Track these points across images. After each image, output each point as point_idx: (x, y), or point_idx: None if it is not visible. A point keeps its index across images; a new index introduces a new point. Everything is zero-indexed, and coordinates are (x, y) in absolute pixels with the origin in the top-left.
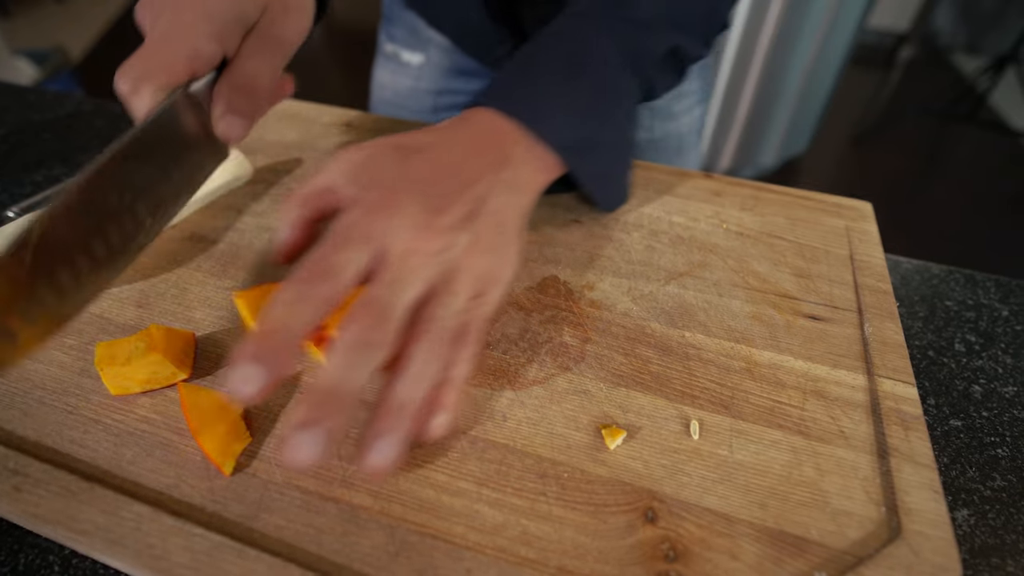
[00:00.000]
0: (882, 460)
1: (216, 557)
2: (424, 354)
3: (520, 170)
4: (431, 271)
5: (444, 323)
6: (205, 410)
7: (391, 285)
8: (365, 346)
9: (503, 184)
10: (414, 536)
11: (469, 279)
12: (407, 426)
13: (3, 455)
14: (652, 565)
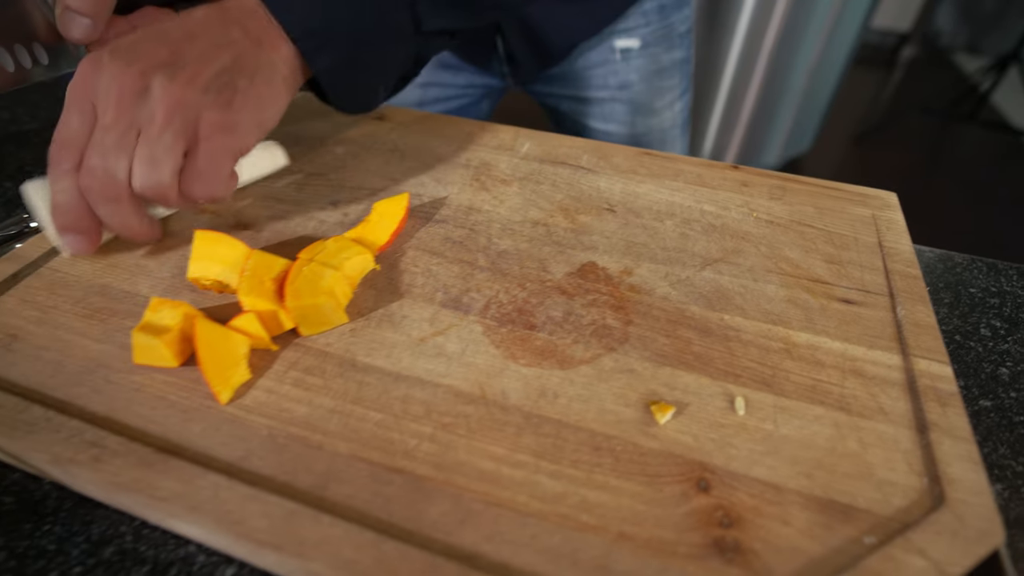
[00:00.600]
0: (922, 434)
1: (293, 523)
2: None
3: (264, 34)
4: (134, 117)
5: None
6: (213, 343)
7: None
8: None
9: (238, 35)
10: (479, 504)
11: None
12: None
13: (80, 428)
14: (708, 531)
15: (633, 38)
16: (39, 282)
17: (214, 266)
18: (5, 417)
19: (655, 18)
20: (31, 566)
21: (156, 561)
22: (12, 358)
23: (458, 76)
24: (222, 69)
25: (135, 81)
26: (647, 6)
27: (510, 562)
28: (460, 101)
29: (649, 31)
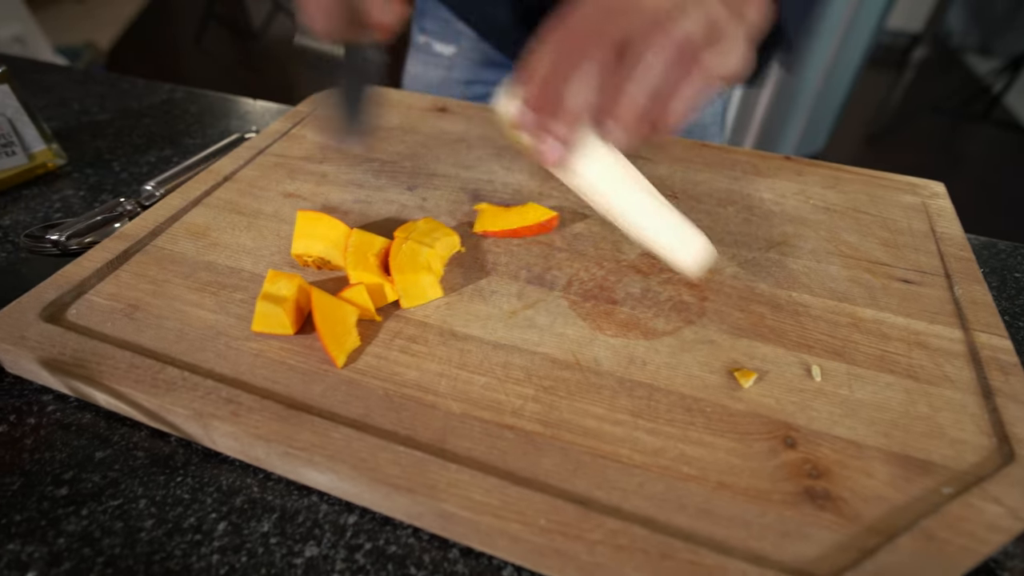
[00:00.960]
0: (987, 399)
1: (423, 469)
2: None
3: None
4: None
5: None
6: (328, 313)
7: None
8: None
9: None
10: (586, 457)
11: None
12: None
13: (214, 387)
14: (799, 481)
15: None
16: (148, 258)
17: (316, 243)
18: (144, 377)
19: None
20: (170, 512)
21: (284, 509)
22: (137, 326)
23: (502, 73)
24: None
25: None
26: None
27: (621, 506)
28: None
29: None
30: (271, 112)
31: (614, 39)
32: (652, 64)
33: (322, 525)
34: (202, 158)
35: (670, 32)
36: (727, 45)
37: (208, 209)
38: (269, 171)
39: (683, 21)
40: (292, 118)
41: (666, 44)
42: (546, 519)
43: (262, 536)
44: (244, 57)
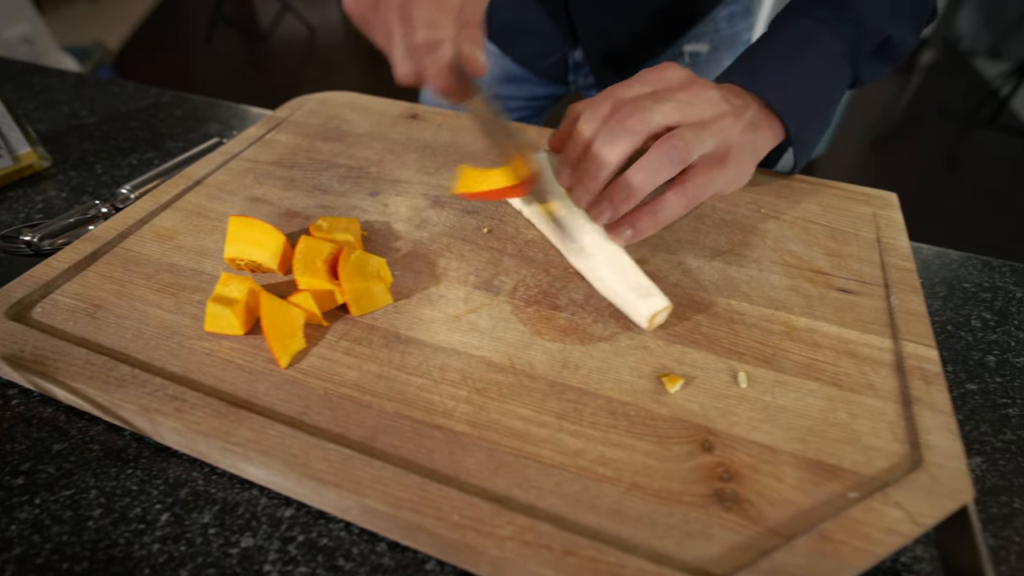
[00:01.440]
0: (906, 407)
1: (349, 465)
2: (653, 160)
3: (753, 120)
4: (692, 107)
5: (685, 141)
6: (275, 316)
7: (659, 99)
8: (620, 129)
9: (745, 121)
10: (509, 457)
11: (719, 133)
12: (620, 206)
13: (162, 384)
14: (710, 483)
15: (702, 43)
16: (115, 260)
17: (248, 248)
18: (97, 373)
19: (724, 25)
20: (117, 502)
21: (225, 502)
22: (97, 324)
23: (523, 88)
24: (749, 126)
25: (707, 90)
26: (719, 14)
27: (536, 504)
28: (523, 113)
29: (718, 37)
30: (254, 116)
31: (652, 128)
32: (656, 169)
33: (260, 518)
34: (179, 162)
35: (683, 148)
36: (730, 170)
37: (177, 213)
38: (239, 176)
39: (703, 138)
40: (268, 123)
41: (674, 157)
42: (460, 515)
43: (202, 527)
44: (252, 57)
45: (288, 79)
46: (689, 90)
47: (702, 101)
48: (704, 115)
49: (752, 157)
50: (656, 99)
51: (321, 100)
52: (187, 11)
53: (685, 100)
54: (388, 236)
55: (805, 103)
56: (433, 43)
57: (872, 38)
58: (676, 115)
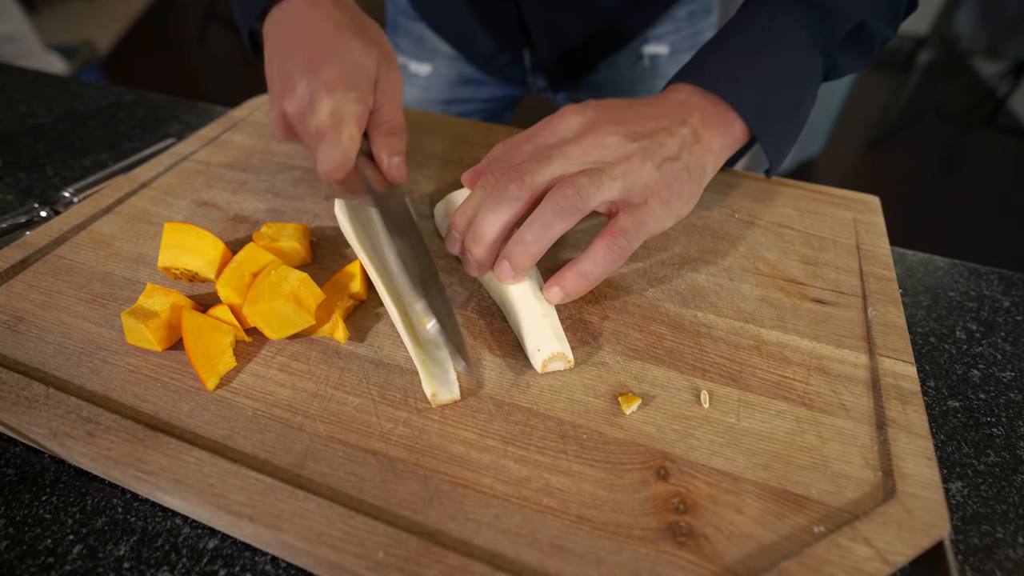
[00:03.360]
0: (880, 430)
1: (269, 496)
2: (545, 212)
3: (700, 128)
4: (587, 157)
5: (576, 188)
6: (199, 333)
7: (544, 157)
8: (501, 197)
9: (679, 132)
10: (446, 485)
11: (625, 177)
12: (519, 262)
13: (76, 405)
14: (663, 516)
15: (662, 44)
16: (46, 268)
17: (183, 256)
18: (8, 393)
19: (684, 24)
20: (28, 533)
21: (144, 532)
22: (17, 339)
23: (480, 90)
24: (673, 156)
25: (607, 136)
26: (677, 13)
27: (471, 540)
28: (482, 115)
29: (678, 38)
30: (217, 116)
31: (538, 188)
32: (547, 221)
33: (180, 549)
34: (129, 164)
35: (573, 195)
36: (658, 208)
37: (118, 217)
38: (188, 178)
39: (600, 183)
40: (224, 123)
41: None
42: (385, 552)
43: (116, 560)
44: (245, 56)
45: None
46: (582, 142)
47: (598, 149)
48: (603, 160)
49: (689, 182)
50: (541, 159)
51: None
52: (180, 10)
53: (576, 153)
54: (339, 243)
55: (769, 96)
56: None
57: (842, 26)
58: (567, 168)
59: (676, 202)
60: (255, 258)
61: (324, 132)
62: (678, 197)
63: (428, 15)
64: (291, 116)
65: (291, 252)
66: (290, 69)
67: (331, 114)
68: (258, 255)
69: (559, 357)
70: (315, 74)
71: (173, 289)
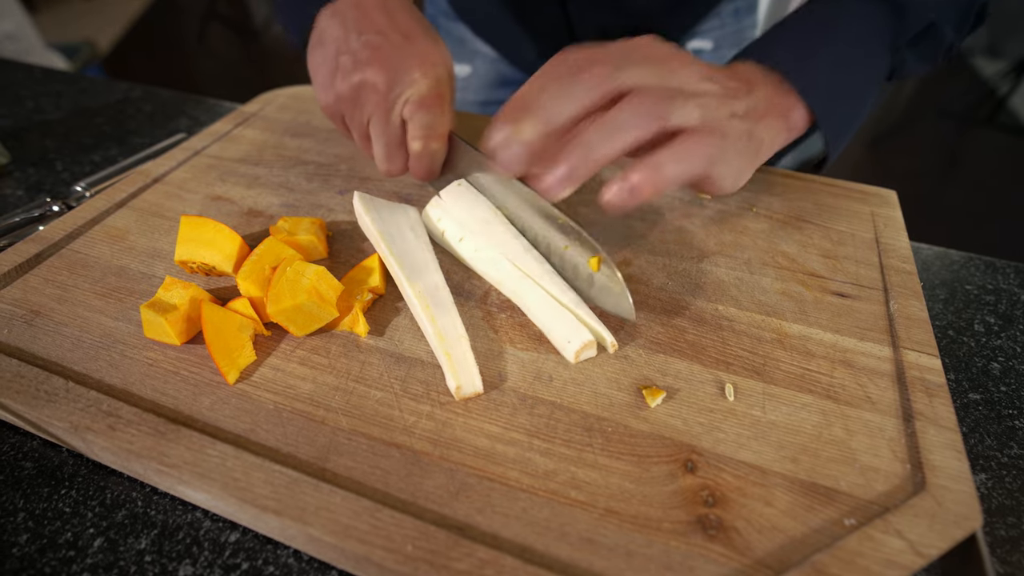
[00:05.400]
0: (907, 423)
1: (294, 490)
2: (622, 112)
3: (763, 105)
4: (671, 77)
5: (658, 99)
6: (220, 326)
7: (624, 58)
8: (576, 82)
9: (745, 101)
10: (472, 479)
11: (703, 106)
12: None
13: (97, 399)
14: (693, 509)
15: (707, 39)
16: (61, 262)
17: (200, 249)
18: (27, 387)
19: (729, 20)
20: (48, 527)
21: (165, 525)
22: (34, 332)
23: None
24: (739, 115)
25: (693, 65)
26: (723, 9)
27: (500, 533)
28: None
29: (722, 33)
30: (225, 112)
31: (617, 85)
32: (620, 124)
33: (201, 543)
34: (140, 159)
35: (657, 106)
36: (729, 153)
37: (132, 212)
38: (201, 173)
39: (682, 104)
40: (235, 118)
41: (643, 112)
42: (414, 545)
43: (137, 553)
44: (246, 56)
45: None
46: (669, 62)
47: (683, 71)
48: (684, 85)
49: (750, 150)
50: (624, 60)
51: (292, 95)
52: (180, 10)
53: (662, 67)
54: (355, 237)
55: (835, 83)
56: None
57: (913, 23)
58: (648, 78)
59: (737, 162)
60: (274, 252)
61: (426, 103)
62: (742, 156)
63: (469, 17)
64: (372, 89)
65: (308, 246)
66: (366, 46)
67: (432, 88)
68: (277, 248)
69: (590, 345)
70: (407, 51)
71: (192, 282)
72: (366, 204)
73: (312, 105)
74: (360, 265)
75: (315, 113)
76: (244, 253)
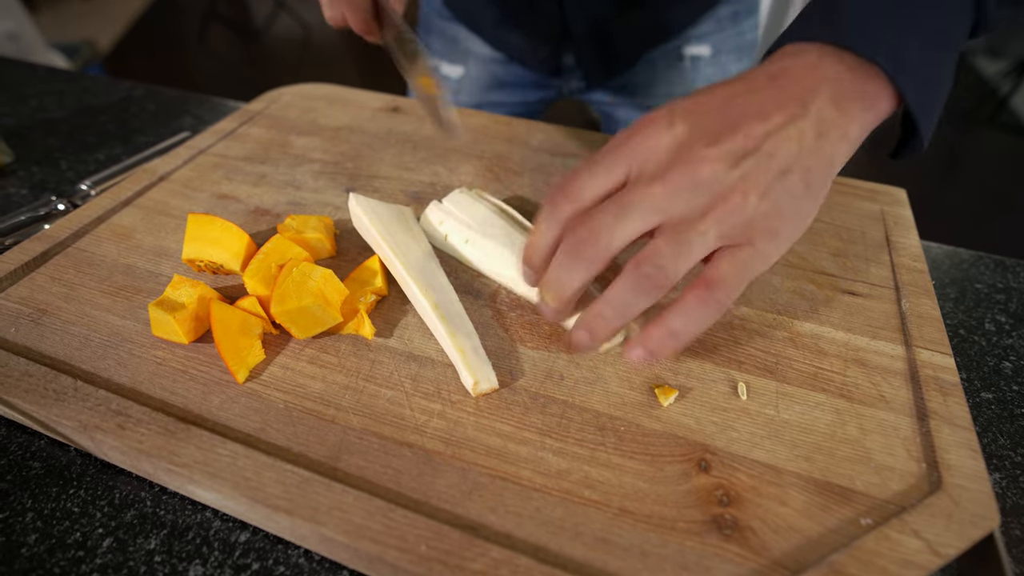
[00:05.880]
0: (921, 422)
1: (306, 490)
2: (625, 291)
3: (829, 110)
4: (674, 202)
5: (656, 265)
6: (229, 326)
7: (622, 209)
8: (577, 259)
9: (798, 129)
10: (485, 478)
11: (721, 222)
12: (599, 336)
13: (106, 398)
14: (707, 508)
15: (704, 45)
16: (67, 261)
17: (208, 248)
18: (35, 386)
19: (728, 24)
20: (56, 527)
21: (174, 525)
22: (41, 331)
23: (512, 94)
24: (785, 169)
25: (700, 165)
26: (721, 12)
27: (514, 533)
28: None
29: (721, 38)
30: (229, 110)
31: (613, 251)
32: (625, 302)
33: (211, 543)
34: (145, 157)
35: (656, 274)
36: (766, 246)
37: (137, 210)
38: (207, 171)
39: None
40: (241, 117)
41: (645, 286)
42: (427, 545)
43: (147, 554)
44: (246, 56)
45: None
46: (667, 180)
47: (687, 190)
48: (693, 205)
49: (806, 197)
50: (619, 213)
51: (297, 93)
52: (181, 9)
53: (660, 198)
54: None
55: (926, 57)
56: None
57: None
58: (649, 220)
59: (787, 230)
60: (282, 250)
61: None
62: (791, 222)
63: (464, 13)
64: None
65: (316, 244)
66: None
67: None
68: (285, 247)
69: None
70: None
71: (200, 281)
72: (363, 206)
73: (317, 103)
74: (362, 266)
75: (320, 111)
76: (252, 251)
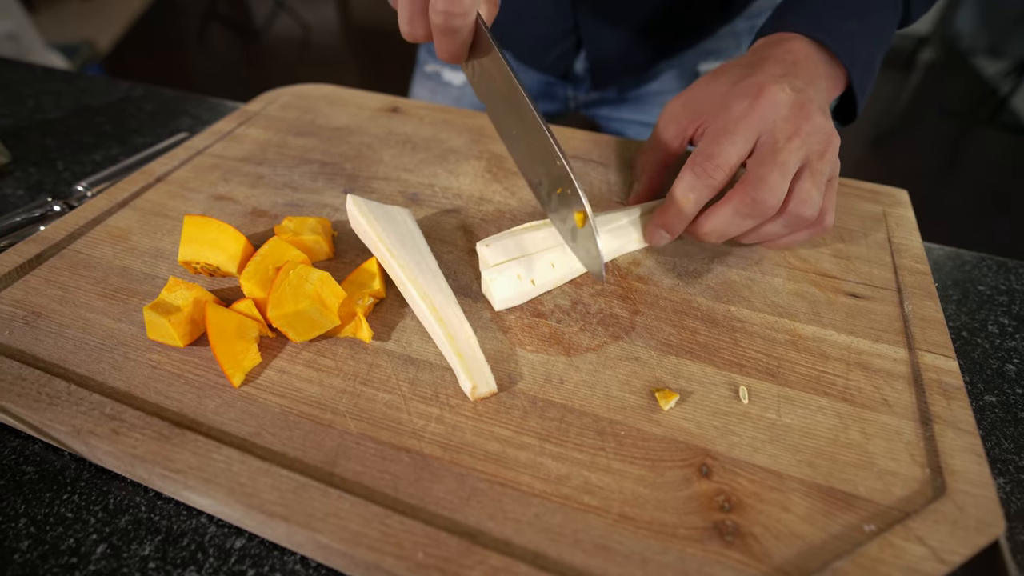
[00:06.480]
0: (925, 426)
1: (302, 495)
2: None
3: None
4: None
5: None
6: (224, 329)
7: (783, 167)
8: (703, 186)
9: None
10: (483, 483)
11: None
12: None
13: (100, 402)
14: (709, 514)
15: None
16: (62, 263)
17: (204, 250)
18: (29, 389)
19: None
20: (50, 532)
21: (169, 531)
22: (35, 334)
23: None
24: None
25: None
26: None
27: (512, 539)
28: None
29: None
30: (227, 111)
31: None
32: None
33: (207, 549)
34: (142, 158)
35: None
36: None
37: (134, 212)
38: (204, 172)
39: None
40: (239, 117)
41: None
42: (425, 552)
43: (141, 560)
44: (246, 55)
45: (283, 78)
46: (801, 122)
47: (811, 130)
48: (814, 144)
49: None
50: (781, 165)
51: (296, 93)
52: (180, 9)
53: (800, 144)
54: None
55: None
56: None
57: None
58: (799, 166)
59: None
60: (278, 252)
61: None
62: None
63: None
64: None
65: (314, 246)
66: None
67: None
68: (282, 249)
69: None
70: None
71: (196, 283)
72: (361, 207)
73: (316, 103)
74: (359, 269)
75: (319, 112)
76: (249, 253)
